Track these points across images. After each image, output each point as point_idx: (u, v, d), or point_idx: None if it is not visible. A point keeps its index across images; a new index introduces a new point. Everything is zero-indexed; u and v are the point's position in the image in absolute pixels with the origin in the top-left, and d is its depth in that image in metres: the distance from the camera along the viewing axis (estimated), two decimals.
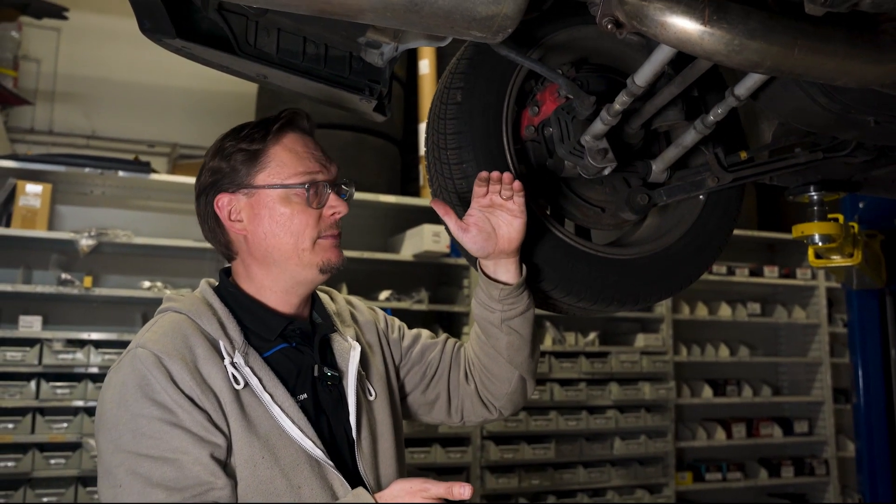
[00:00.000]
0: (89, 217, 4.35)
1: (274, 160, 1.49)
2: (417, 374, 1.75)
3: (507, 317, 1.60)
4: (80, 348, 3.93)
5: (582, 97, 1.53)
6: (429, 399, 1.75)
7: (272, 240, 1.49)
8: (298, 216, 1.48)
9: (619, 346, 5.13)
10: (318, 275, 1.52)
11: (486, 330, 1.64)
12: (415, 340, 1.78)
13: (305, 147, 1.52)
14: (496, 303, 1.58)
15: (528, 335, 1.64)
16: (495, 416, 1.76)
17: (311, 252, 1.50)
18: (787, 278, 5.75)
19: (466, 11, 1.13)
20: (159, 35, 1.40)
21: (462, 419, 1.78)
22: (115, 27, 5.98)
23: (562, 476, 4.78)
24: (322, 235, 1.51)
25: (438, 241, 4.40)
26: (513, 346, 1.64)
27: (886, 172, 1.94)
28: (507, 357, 1.65)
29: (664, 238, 1.75)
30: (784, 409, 5.95)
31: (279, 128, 1.50)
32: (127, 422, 1.30)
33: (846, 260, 2.50)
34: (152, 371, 1.33)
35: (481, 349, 1.68)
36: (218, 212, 1.52)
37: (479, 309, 1.63)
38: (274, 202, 1.48)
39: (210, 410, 1.34)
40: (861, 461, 3.84)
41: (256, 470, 1.35)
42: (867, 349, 3.81)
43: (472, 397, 1.73)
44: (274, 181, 1.48)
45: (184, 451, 1.29)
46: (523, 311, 1.60)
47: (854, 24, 1.16)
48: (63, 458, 3.80)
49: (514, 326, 1.61)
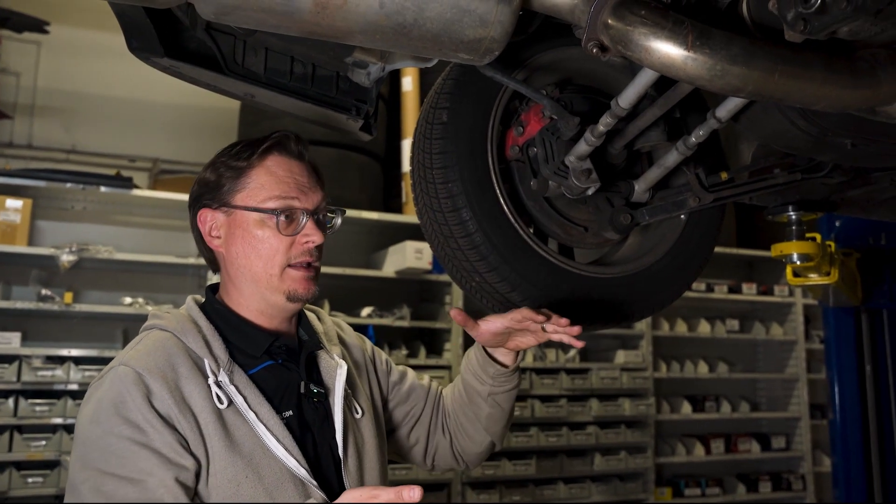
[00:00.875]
0: (70, 232, 4.32)
1: (254, 181, 1.50)
2: (402, 413, 1.78)
3: (495, 392, 1.69)
4: (59, 365, 3.89)
5: (566, 118, 1.55)
6: (410, 442, 1.80)
7: (243, 260, 1.50)
8: (269, 241, 1.48)
9: (599, 363, 5.15)
10: (286, 302, 1.51)
11: (472, 397, 1.72)
12: (402, 378, 1.80)
13: (288, 171, 1.51)
14: (488, 377, 1.68)
15: (509, 409, 1.75)
16: (461, 468, 1.86)
17: (279, 279, 1.49)
18: (765, 295, 5.81)
19: (455, 35, 1.14)
20: (148, 54, 1.41)
21: (433, 464, 1.85)
22: (96, 42, 5.95)
23: (542, 492, 4.78)
24: (292, 263, 1.50)
25: (421, 257, 4.41)
26: (492, 418, 1.73)
27: (862, 193, 1.98)
28: (484, 425, 1.74)
29: (646, 257, 1.78)
30: (762, 425, 6.00)
31: (265, 149, 1.51)
32: (97, 439, 1.30)
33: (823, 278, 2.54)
34: (130, 389, 1.32)
35: (462, 410, 1.76)
36: (200, 226, 1.54)
37: (469, 377, 1.71)
38: (248, 224, 1.49)
39: (186, 431, 1.33)
40: (837, 476, 3.87)
41: (240, 489, 1.35)
42: (843, 365, 3.86)
43: (445, 448, 1.81)
44: (249, 203, 1.49)
45: (149, 473, 1.28)
46: (510, 389, 1.71)
47: (832, 50, 1.19)
48: (41, 477, 3.75)
49: (499, 401, 1.71)
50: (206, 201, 1.52)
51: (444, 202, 1.58)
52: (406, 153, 4.83)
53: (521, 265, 1.60)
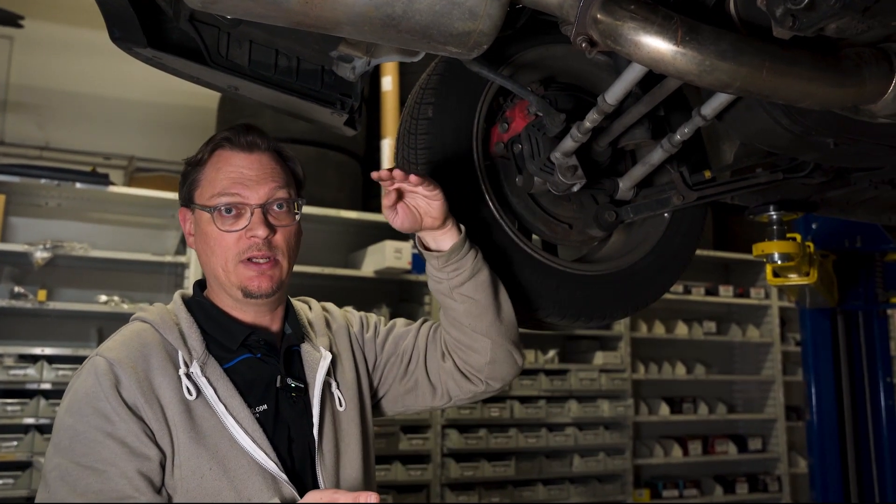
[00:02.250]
0: (44, 229, 4.25)
1: (205, 178, 1.52)
2: (395, 366, 1.72)
3: (455, 284, 1.54)
4: (32, 364, 3.81)
5: (552, 114, 1.55)
6: (408, 387, 1.72)
7: (203, 258, 1.53)
8: (216, 238, 1.49)
9: (578, 364, 5.17)
10: (244, 298, 1.50)
11: (443, 303, 1.60)
12: (388, 333, 1.75)
13: (233, 165, 1.51)
14: (439, 272, 1.54)
15: (486, 300, 1.56)
16: (483, 389, 1.68)
17: (234, 275, 1.49)
18: (742, 298, 5.86)
19: (443, 27, 1.14)
20: (130, 44, 1.38)
21: (450, 399, 1.71)
22: (71, 37, 5.88)
23: (521, 493, 4.78)
24: (241, 259, 1.49)
25: (400, 257, 4.40)
26: (471, 314, 1.57)
27: (842, 194, 2.00)
28: (469, 326, 1.59)
29: (630, 255, 1.78)
30: (738, 427, 6.05)
31: (214, 145, 1.53)
32: (68, 427, 1.33)
33: (803, 279, 2.57)
34: (101, 379, 1.35)
35: (447, 322, 1.63)
36: (182, 224, 1.58)
37: (431, 282, 1.60)
38: (204, 221, 1.51)
39: (151, 421, 1.35)
40: (814, 477, 3.92)
41: (203, 481, 1.36)
42: (820, 367, 3.90)
43: (453, 374, 1.67)
44: (200, 201, 1.51)
45: (112, 464, 1.30)
46: (470, 275, 1.54)
47: (818, 48, 1.20)
48: (12, 478, 3.67)
49: (466, 293, 1.55)
50: (182, 200, 1.56)
51: None
52: (386, 152, 4.81)
53: (505, 261, 1.60)
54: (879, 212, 2.16)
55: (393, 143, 4.76)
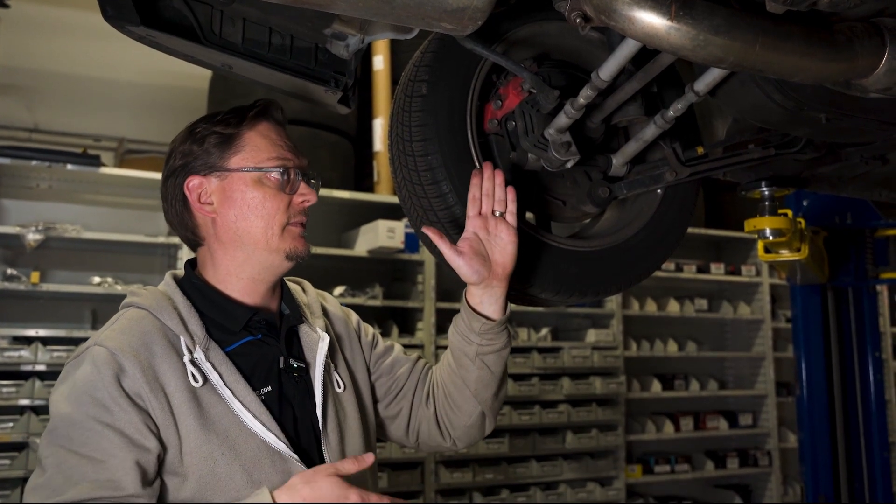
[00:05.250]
0: (35, 211, 4.24)
1: (249, 144, 1.51)
2: (384, 387, 1.74)
3: (483, 352, 1.59)
4: (26, 346, 3.82)
5: (546, 91, 1.55)
6: (391, 414, 1.74)
7: (242, 223, 1.49)
8: (270, 200, 1.50)
9: (570, 342, 5.20)
10: (285, 261, 1.53)
11: (459, 360, 1.63)
12: (387, 351, 1.77)
13: (279, 135, 1.55)
14: (475, 335, 1.58)
15: (500, 373, 1.64)
16: (448, 445, 1.75)
17: (280, 238, 1.51)
18: (733, 275, 5.90)
19: (438, 3, 1.14)
20: (122, 22, 1.37)
21: (417, 441, 1.76)
22: (59, 18, 5.83)
23: (515, 470, 4.82)
24: (290, 222, 1.53)
25: (393, 236, 4.41)
26: (482, 381, 1.63)
27: (833, 170, 2.01)
28: (473, 391, 1.64)
29: (623, 231, 1.79)
30: (729, 403, 6.10)
31: (255, 115, 1.53)
32: (66, 416, 1.31)
33: (794, 254, 2.59)
34: (101, 368, 1.33)
35: (449, 377, 1.66)
36: (188, 194, 1.51)
37: (456, 339, 1.62)
38: (246, 185, 1.49)
39: (156, 411, 1.34)
40: (804, 452, 3.96)
41: (216, 466, 1.35)
42: (810, 343, 3.93)
43: (430, 421, 1.72)
44: (249, 164, 1.50)
45: (111, 454, 1.29)
46: (500, 348, 1.60)
47: (811, 23, 1.21)
48: (8, 459, 3.69)
49: (488, 362, 1.61)
50: (195, 169, 1.50)
51: (423, 174, 1.57)
52: (378, 132, 4.80)
53: None
54: (870, 187, 2.17)
55: (385, 122, 4.76)
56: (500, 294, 1.57)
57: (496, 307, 1.58)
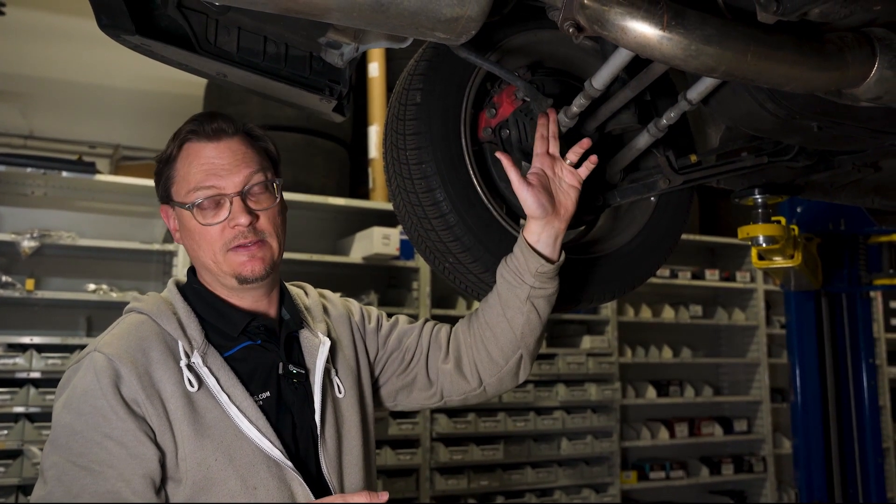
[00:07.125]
0: (30, 218, 4.22)
1: (178, 175, 1.51)
2: (396, 360, 1.73)
3: (536, 295, 1.55)
4: (21, 353, 3.81)
5: (540, 99, 1.56)
6: (406, 381, 1.73)
7: (196, 251, 1.52)
8: (201, 232, 1.48)
9: (565, 348, 5.20)
10: (238, 285, 1.50)
11: (508, 303, 1.58)
12: (392, 328, 1.77)
13: (203, 158, 1.49)
14: (530, 277, 1.53)
15: (546, 318, 1.61)
16: (477, 390, 1.70)
17: (225, 264, 1.49)
18: (728, 281, 5.90)
19: (432, 13, 1.15)
20: (118, 31, 1.38)
21: (442, 398, 1.73)
22: (54, 25, 5.83)
23: (510, 476, 4.82)
24: (230, 248, 1.48)
25: (388, 243, 4.41)
26: (529, 325, 1.59)
27: (825, 177, 2.02)
28: (519, 335, 1.60)
29: (617, 238, 1.80)
30: (724, 409, 6.10)
31: (181, 139, 1.51)
32: (66, 425, 1.32)
33: (787, 261, 2.59)
34: (100, 375, 1.33)
35: (494, 321, 1.61)
36: (166, 221, 1.57)
37: (505, 284, 1.57)
38: (186, 217, 1.50)
39: (152, 418, 1.34)
40: (798, 457, 3.97)
41: (209, 472, 1.35)
42: (804, 349, 3.95)
43: (451, 374, 1.69)
44: (178, 198, 1.50)
45: (109, 465, 1.30)
46: (552, 293, 1.57)
47: (802, 33, 1.22)
48: (3, 467, 3.67)
49: (538, 306, 1.57)
50: (160, 198, 1.56)
51: (418, 183, 1.58)
52: (373, 139, 4.80)
53: (495, 246, 1.61)
54: (862, 194, 2.18)
55: (380, 129, 4.76)
56: (558, 235, 1.55)
57: (553, 248, 1.55)
